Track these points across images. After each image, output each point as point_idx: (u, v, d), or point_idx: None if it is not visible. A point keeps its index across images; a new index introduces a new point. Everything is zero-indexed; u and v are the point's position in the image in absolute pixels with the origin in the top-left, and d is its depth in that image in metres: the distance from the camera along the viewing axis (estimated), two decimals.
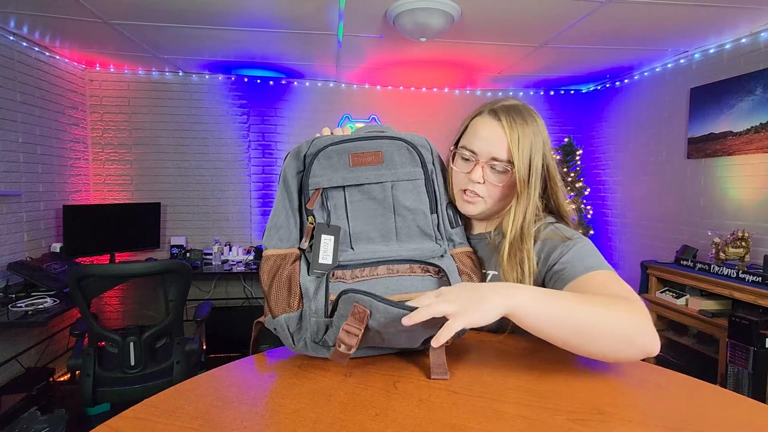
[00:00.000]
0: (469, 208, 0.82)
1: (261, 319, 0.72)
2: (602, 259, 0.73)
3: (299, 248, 0.69)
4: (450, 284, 0.67)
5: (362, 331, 0.57)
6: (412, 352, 0.67)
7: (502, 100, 0.83)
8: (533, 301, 0.58)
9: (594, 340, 0.58)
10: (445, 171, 0.81)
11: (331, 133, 0.75)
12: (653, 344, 0.58)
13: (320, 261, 0.65)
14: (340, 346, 0.57)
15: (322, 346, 0.64)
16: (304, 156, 0.70)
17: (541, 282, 0.76)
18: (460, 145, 0.83)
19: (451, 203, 0.80)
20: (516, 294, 0.58)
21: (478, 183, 0.80)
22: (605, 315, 0.58)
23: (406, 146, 0.71)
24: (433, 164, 0.76)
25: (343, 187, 0.68)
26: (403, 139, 0.71)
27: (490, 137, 0.79)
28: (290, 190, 0.70)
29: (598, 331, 0.58)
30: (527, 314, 0.58)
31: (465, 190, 0.81)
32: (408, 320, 0.54)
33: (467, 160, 0.81)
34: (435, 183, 0.75)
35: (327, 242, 0.66)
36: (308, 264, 0.66)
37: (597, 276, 0.69)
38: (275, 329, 0.65)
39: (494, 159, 0.79)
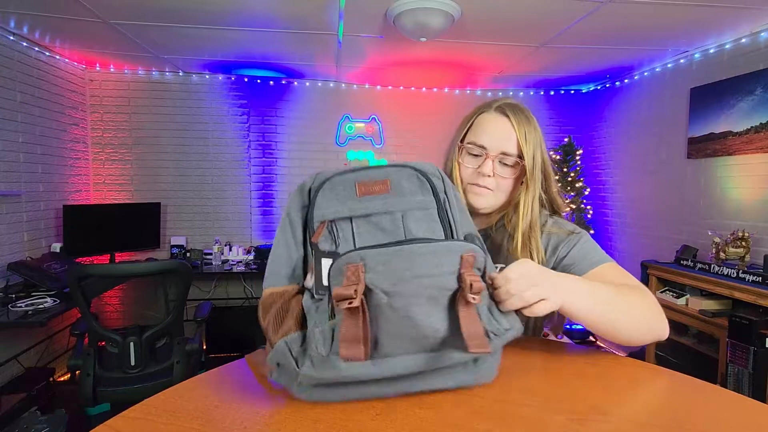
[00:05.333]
0: (478, 200, 0.85)
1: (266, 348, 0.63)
2: (602, 252, 0.81)
3: (303, 285, 0.61)
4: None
5: (359, 288, 0.49)
6: None
7: (503, 99, 0.88)
8: (584, 294, 0.64)
9: (623, 327, 0.66)
10: (460, 202, 0.69)
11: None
12: (665, 329, 0.68)
13: (324, 283, 0.58)
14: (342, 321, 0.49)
15: (333, 353, 0.53)
16: (309, 190, 0.65)
17: None
18: (467, 141, 0.86)
19: (472, 234, 0.68)
20: (568, 287, 0.63)
21: (488, 176, 0.83)
22: (632, 306, 0.66)
23: (415, 173, 0.64)
24: (446, 193, 0.66)
25: (350, 218, 0.61)
26: (412, 166, 0.65)
27: (500, 133, 0.83)
28: (294, 226, 0.65)
29: (627, 319, 0.66)
30: (578, 307, 0.63)
31: (474, 184, 0.85)
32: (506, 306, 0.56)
33: (476, 155, 0.85)
34: (449, 213, 0.65)
35: (327, 265, 0.58)
36: (311, 293, 0.59)
37: (603, 270, 0.76)
38: (278, 363, 0.56)
39: (504, 153, 0.83)
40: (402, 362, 0.53)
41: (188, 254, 3.56)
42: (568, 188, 3.79)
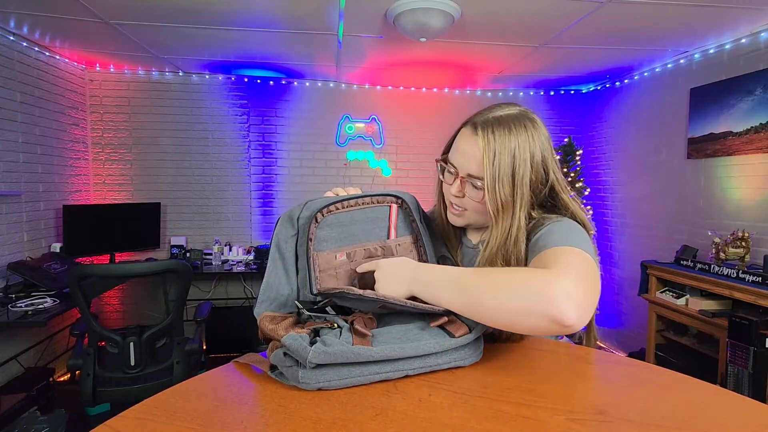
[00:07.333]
0: (455, 220, 0.83)
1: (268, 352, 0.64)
2: (576, 237, 0.68)
3: (297, 315, 0.65)
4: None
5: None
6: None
7: (493, 109, 0.78)
8: (422, 291, 0.63)
9: (490, 311, 0.58)
10: (430, 229, 0.80)
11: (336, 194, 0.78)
12: (554, 310, 0.53)
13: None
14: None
15: (344, 341, 0.56)
16: (297, 218, 0.70)
17: None
18: (449, 158, 0.81)
19: (443, 256, 0.83)
20: (403, 286, 0.64)
21: (458, 197, 0.79)
22: (500, 288, 0.58)
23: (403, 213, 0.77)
24: (420, 222, 0.77)
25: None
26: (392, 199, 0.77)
27: (467, 153, 0.76)
28: (285, 258, 0.70)
29: (494, 303, 0.57)
30: (436, 299, 0.62)
31: (450, 203, 0.82)
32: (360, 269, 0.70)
33: (452, 173, 0.79)
34: (424, 242, 0.77)
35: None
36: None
37: (556, 250, 0.65)
38: (284, 354, 0.56)
39: (470, 176, 0.76)
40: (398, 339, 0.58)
41: (188, 254, 3.56)
42: (568, 188, 3.79)
